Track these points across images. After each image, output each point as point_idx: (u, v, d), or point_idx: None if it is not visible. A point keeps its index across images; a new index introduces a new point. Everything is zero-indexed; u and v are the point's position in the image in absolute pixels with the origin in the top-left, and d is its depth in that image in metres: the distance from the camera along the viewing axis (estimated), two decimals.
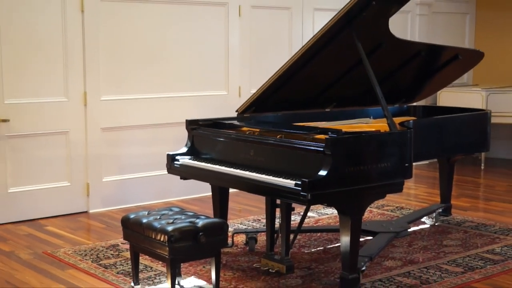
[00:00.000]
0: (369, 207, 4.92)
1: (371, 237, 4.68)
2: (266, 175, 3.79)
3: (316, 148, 3.64)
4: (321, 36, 4.10)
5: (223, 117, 4.72)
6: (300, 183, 3.51)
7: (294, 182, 3.57)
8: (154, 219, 3.73)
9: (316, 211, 5.82)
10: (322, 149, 3.59)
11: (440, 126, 4.77)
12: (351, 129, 4.35)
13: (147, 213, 3.89)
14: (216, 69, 6.53)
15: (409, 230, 5.09)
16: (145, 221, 3.72)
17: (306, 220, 5.25)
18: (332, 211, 5.78)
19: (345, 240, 3.75)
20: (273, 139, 3.94)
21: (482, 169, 7.92)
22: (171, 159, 4.45)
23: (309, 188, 3.48)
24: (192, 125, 4.51)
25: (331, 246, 4.79)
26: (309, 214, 5.65)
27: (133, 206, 5.99)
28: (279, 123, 4.80)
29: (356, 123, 4.91)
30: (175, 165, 4.43)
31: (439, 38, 8.15)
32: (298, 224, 4.41)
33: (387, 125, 4.03)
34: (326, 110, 5.03)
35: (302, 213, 4.45)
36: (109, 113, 5.89)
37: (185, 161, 4.40)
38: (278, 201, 4.18)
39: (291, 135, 4.01)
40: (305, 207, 4.42)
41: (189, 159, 4.40)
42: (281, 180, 3.67)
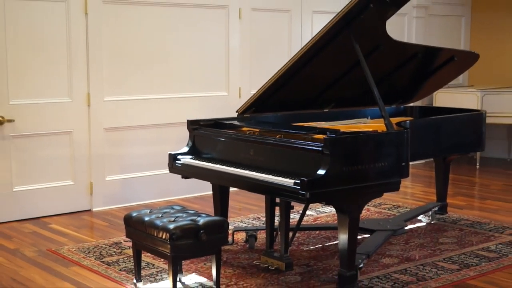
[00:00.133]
0: (366, 206, 4.92)
1: (369, 235, 4.68)
2: (265, 174, 3.79)
3: (314, 147, 3.64)
4: (320, 38, 4.10)
5: (224, 118, 4.72)
6: (299, 182, 3.51)
7: (293, 181, 3.57)
8: (156, 217, 3.73)
9: (314, 210, 5.82)
10: (320, 149, 3.59)
11: (436, 126, 4.77)
12: (349, 129, 4.35)
13: (149, 211, 3.89)
14: (217, 70, 6.52)
15: (406, 228, 5.09)
16: (147, 219, 3.72)
17: (305, 218, 5.26)
18: (330, 210, 5.78)
19: (343, 238, 3.75)
20: (273, 139, 3.94)
21: (477, 169, 7.92)
22: (173, 158, 4.45)
23: (308, 187, 3.48)
24: (193, 125, 4.51)
25: (330, 243, 4.79)
26: (308, 212, 5.65)
27: (136, 204, 5.99)
28: (278, 123, 4.80)
29: (354, 123, 4.91)
30: (177, 165, 4.43)
31: (436, 40, 8.16)
32: (297, 222, 4.41)
33: (384, 125, 4.03)
34: (324, 110, 5.03)
35: (301, 212, 4.45)
36: (112, 113, 5.89)
37: (187, 160, 4.40)
38: (277, 200, 4.18)
39: (290, 135, 4.01)
40: (304, 206, 4.42)
41: (191, 159, 4.40)
42: (281, 179, 3.67)
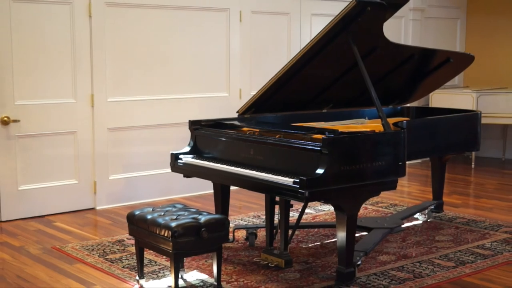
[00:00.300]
0: (364, 204, 4.93)
1: (366, 233, 4.67)
2: (265, 173, 3.79)
3: (313, 147, 3.64)
4: (318, 40, 4.09)
5: (225, 118, 4.72)
6: (298, 181, 3.51)
7: (292, 180, 3.57)
8: (158, 215, 3.73)
9: (313, 208, 5.82)
10: (319, 149, 3.59)
11: (432, 126, 4.76)
12: (347, 129, 4.35)
13: (151, 209, 3.88)
14: (217, 71, 6.52)
15: (403, 226, 5.09)
16: (149, 217, 3.71)
17: (304, 216, 5.26)
18: (329, 208, 5.78)
19: (341, 235, 3.75)
20: (272, 139, 3.93)
21: (472, 168, 7.92)
22: (175, 158, 4.45)
23: (307, 185, 3.47)
24: (194, 126, 4.51)
25: (328, 241, 4.79)
26: (307, 210, 5.64)
27: (138, 203, 5.99)
28: (278, 123, 4.80)
29: (352, 123, 4.90)
30: (179, 164, 4.43)
31: (431, 42, 8.16)
32: (296, 220, 4.40)
33: (381, 125, 4.03)
34: (323, 111, 5.03)
35: (300, 210, 4.45)
36: (115, 114, 5.88)
37: (188, 160, 4.39)
38: (277, 198, 4.18)
39: (290, 135, 4.00)
40: (303, 204, 4.41)
41: (192, 158, 4.39)
42: (280, 178, 3.67)
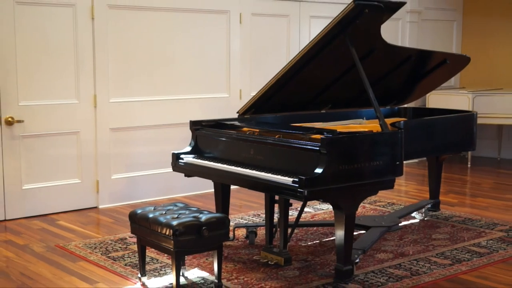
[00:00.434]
0: (362, 203, 4.91)
1: (364, 231, 4.67)
2: (265, 172, 3.78)
3: (312, 147, 3.64)
4: (317, 41, 4.09)
5: (225, 118, 4.72)
6: (297, 180, 3.51)
7: (291, 179, 3.57)
8: (160, 214, 3.73)
9: (312, 207, 5.81)
10: (318, 148, 3.59)
11: (429, 126, 4.76)
12: (346, 129, 4.35)
13: (153, 208, 3.88)
14: (218, 73, 6.51)
15: (400, 224, 5.09)
16: (151, 216, 3.71)
17: (303, 215, 5.26)
18: (327, 207, 5.78)
19: (340, 234, 3.75)
20: (272, 139, 3.93)
21: (468, 167, 7.91)
22: (176, 157, 4.45)
23: (306, 185, 3.47)
24: (195, 126, 4.51)
25: (327, 239, 4.78)
26: (306, 209, 5.64)
27: (140, 202, 5.98)
28: (277, 123, 4.80)
29: (350, 123, 4.90)
30: (180, 163, 4.43)
31: (428, 43, 8.16)
32: (295, 218, 4.40)
33: (379, 125, 4.03)
34: (322, 111, 5.03)
35: (299, 209, 4.44)
36: (117, 114, 5.88)
37: (189, 159, 4.39)
38: (276, 197, 4.18)
39: (289, 135, 4.00)
40: (302, 203, 4.41)
41: (193, 158, 4.39)
42: (280, 177, 3.67)
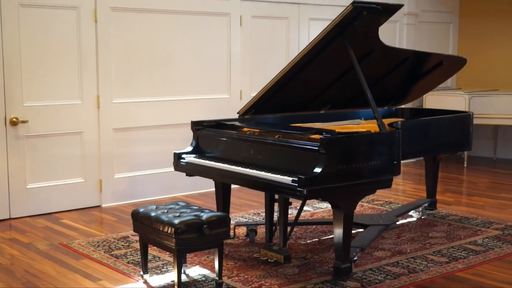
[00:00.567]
0: (360, 202, 4.91)
1: (362, 230, 4.67)
2: (265, 172, 3.78)
3: (311, 147, 3.64)
4: (316, 43, 4.09)
5: (226, 119, 4.72)
6: (296, 179, 3.51)
7: (291, 178, 3.57)
8: (161, 212, 3.73)
9: (311, 205, 5.81)
10: (317, 148, 3.59)
11: (426, 127, 4.76)
12: (344, 129, 4.34)
13: (155, 207, 3.88)
14: (219, 74, 6.51)
15: (398, 223, 5.08)
16: (153, 214, 3.71)
17: (302, 213, 5.25)
18: (326, 205, 5.78)
19: (338, 232, 3.75)
20: (272, 139, 3.93)
21: (465, 167, 7.91)
22: (178, 157, 4.45)
23: (305, 184, 3.47)
24: (197, 126, 4.51)
25: (325, 237, 4.78)
26: (305, 208, 5.64)
27: (142, 200, 5.98)
28: (277, 124, 4.80)
29: (348, 124, 4.90)
30: (181, 163, 4.43)
31: (425, 45, 8.15)
32: (294, 217, 4.40)
33: (377, 126, 4.03)
34: (320, 112, 5.02)
35: (298, 207, 4.44)
36: (120, 114, 5.88)
37: (191, 159, 4.39)
38: (276, 196, 4.17)
39: (288, 135, 4.00)
40: (301, 202, 4.41)
41: (194, 157, 4.39)
42: (279, 176, 3.67)
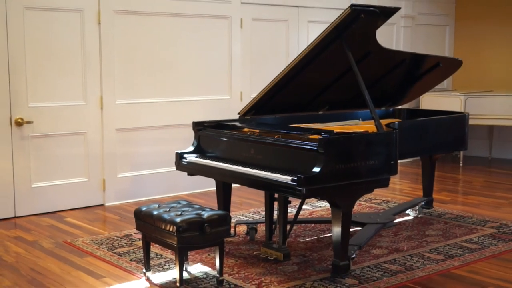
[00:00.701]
0: (358, 201, 4.92)
1: (360, 228, 4.67)
2: (265, 171, 3.79)
3: (310, 147, 3.64)
4: (315, 46, 4.10)
5: (226, 119, 4.72)
6: (296, 178, 3.51)
7: (290, 178, 3.57)
8: (164, 211, 3.73)
9: (310, 204, 5.82)
10: (315, 148, 3.59)
11: (422, 127, 4.76)
12: (342, 130, 4.35)
13: (157, 206, 3.88)
14: (220, 75, 6.52)
15: (395, 221, 5.09)
16: (155, 213, 3.71)
17: (301, 212, 5.26)
18: (325, 204, 5.78)
19: (337, 230, 3.75)
20: (272, 139, 3.93)
21: (460, 166, 7.91)
22: (179, 157, 4.45)
23: (304, 183, 3.48)
24: (198, 126, 4.51)
25: (324, 236, 4.79)
26: (304, 207, 5.65)
27: (145, 199, 5.99)
28: (277, 124, 4.80)
29: (346, 124, 4.90)
30: (183, 163, 4.43)
31: (422, 47, 8.16)
32: (294, 216, 4.40)
33: (374, 126, 4.03)
34: (319, 112, 5.03)
35: (297, 206, 4.45)
36: (123, 115, 5.88)
37: (192, 159, 4.40)
38: (276, 195, 4.18)
39: (288, 135, 4.00)
40: (300, 201, 4.41)
41: (196, 157, 4.40)
42: (279, 176, 3.67)
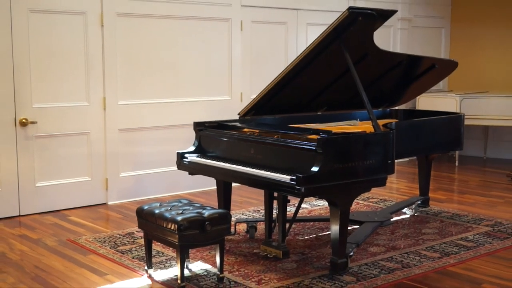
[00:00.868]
0: (356, 199, 4.92)
1: (358, 226, 4.67)
2: (264, 171, 3.79)
3: (309, 147, 3.64)
4: (313, 47, 4.10)
5: (227, 120, 4.72)
6: (295, 178, 3.51)
7: (289, 177, 3.57)
8: (165, 210, 3.73)
9: (309, 203, 5.82)
10: (314, 148, 3.59)
11: (419, 127, 4.76)
12: (340, 130, 4.34)
13: (159, 204, 3.88)
14: (220, 76, 6.52)
15: (392, 219, 5.09)
16: (157, 211, 3.71)
17: (300, 210, 5.25)
18: (323, 203, 5.78)
19: (335, 228, 3.75)
20: (271, 139, 3.93)
21: (456, 166, 7.91)
22: (181, 156, 4.45)
23: (303, 182, 3.47)
24: (199, 127, 4.51)
25: (323, 234, 4.79)
26: (303, 205, 5.65)
27: (147, 198, 5.99)
28: (276, 124, 4.80)
29: (344, 124, 4.90)
30: (184, 162, 4.43)
31: (418, 49, 8.15)
32: (293, 214, 4.41)
33: (372, 126, 4.03)
34: (318, 113, 5.03)
35: (296, 205, 4.45)
36: (125, 116, 5.88)
37: (193, 158, 4.39)
38: (275, 194, 4.18)
39: (287, 135, 4.00)
40: (299, 199, 4.41)
41: (197, 157, 4.39)
42: (278, 175, 3.67)
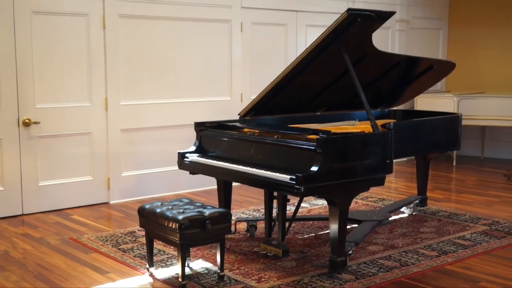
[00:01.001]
0: (354, 199, 4.91)
1: (357, 225, 4.67)
2: (264, 170, 3.78)
3: (308, 147, 3.64)
4: (313, 48, 4.09)
5: (227, 120, 4.72)
6: (294, 177, 3.51)
7: (289, 176, 3.57)
8: (166, 209, 3.73)
9: (308, 202, 5.81)
10: (313, 148, 3.58)
11: (417, 127, 4.76)
12: (339, 130, 4.34)
13: (160, 203, 3.88)
14: (220, 77, 6.51)
15: (390, 218, 5.08)
16: (158, 210, 3.71)
17: (299, 210, 5.25)
18: (322, 202, 5.77)
19: (334, 227, 3.75)
20: (271, 139, 3.93)
21: (454, 166, 7.91)
22: (182, 156, 4.45)
23: (302, 182, 3.47)
24: (199, 127, 4.51)
25: (322, 232, 4.78)
26: (302, 204, 5.64)
27: (148, 197, 5.98)
28: (276, 125, 4.80)
29: (343, 125, 4.90)
30: (185, 162, 4.43)
31: (416, 50, 8.15)
32: (292, 213, 4.40)
33: (370, 126, 4.02)
34: (317, 113, 5.02)
35: (296, 204, 4.44)
36: (127, 116, 5.88)
37: (194, 158, 4.39)
38: (275, 193, 4.17)
39: (287, 135, 4.00)
40: (299, 199, 4.41)
41: (197, 157, 4.39)
42: (278, 175, 3.67)
